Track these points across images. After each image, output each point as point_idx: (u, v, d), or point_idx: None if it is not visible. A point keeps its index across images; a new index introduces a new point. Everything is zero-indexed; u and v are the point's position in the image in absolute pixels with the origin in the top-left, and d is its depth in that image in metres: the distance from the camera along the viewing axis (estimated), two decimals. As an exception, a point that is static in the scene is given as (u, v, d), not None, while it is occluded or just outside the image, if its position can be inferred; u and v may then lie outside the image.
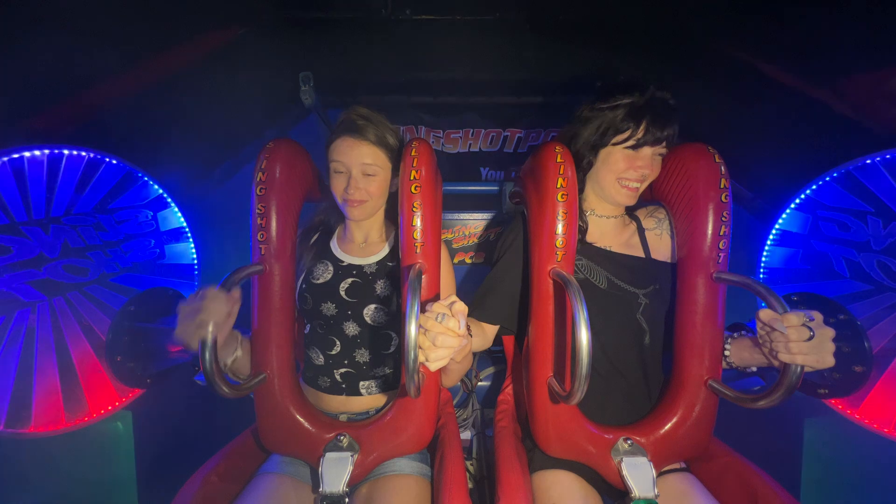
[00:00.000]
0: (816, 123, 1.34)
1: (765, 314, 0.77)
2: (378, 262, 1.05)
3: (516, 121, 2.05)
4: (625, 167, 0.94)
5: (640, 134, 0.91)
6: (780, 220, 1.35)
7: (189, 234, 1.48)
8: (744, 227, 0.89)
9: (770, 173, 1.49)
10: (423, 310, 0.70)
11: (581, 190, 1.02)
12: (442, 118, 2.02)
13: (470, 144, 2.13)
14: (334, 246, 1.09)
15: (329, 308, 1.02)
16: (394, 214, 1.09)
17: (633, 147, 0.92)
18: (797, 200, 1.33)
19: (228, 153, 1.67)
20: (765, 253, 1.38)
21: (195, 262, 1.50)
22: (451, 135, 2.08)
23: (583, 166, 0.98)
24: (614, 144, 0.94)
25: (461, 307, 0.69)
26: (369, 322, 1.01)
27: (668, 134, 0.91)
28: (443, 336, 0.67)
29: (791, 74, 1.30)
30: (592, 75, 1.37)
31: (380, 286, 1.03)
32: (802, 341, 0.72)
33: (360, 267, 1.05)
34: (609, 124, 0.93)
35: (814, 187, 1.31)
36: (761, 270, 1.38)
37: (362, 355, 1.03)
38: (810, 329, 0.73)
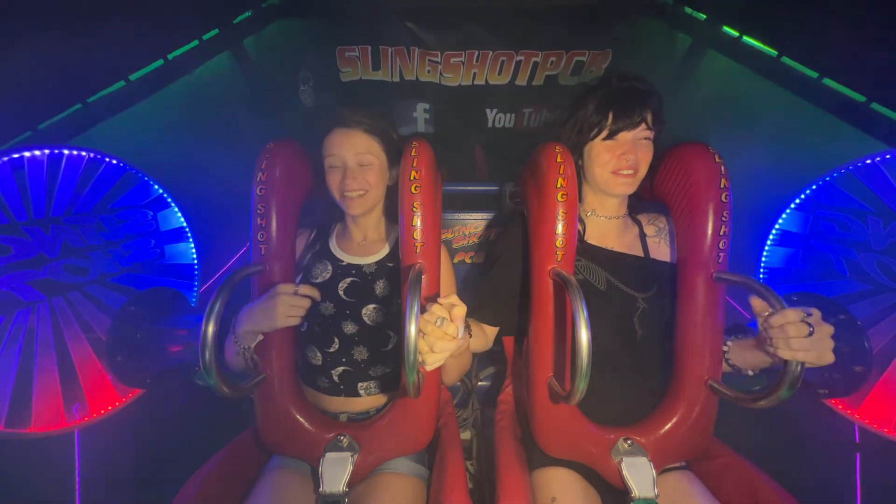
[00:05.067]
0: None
1: (757, 302, 0.78)
2: (378, 263, 1.05)
3: (531, 38, 1.62)
4: (609, 158, 0.95)
5: (610, 122, 0.93)
6: (780, 220, 1.35)
7: (189, 234, 1.49)
8: (744, 227, 0.88)
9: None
10: (423, 309, 0.70)
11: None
12: (439, 35, 1.61)
13: (474, 74, 1.68)
14: (333, 245, 1.09)
15: (327, 308, 1.02)
16: (393, 212, 1.09)
17: (609, 136, 0.94)
18: (797, 200, 1.33)
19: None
20: (765, 253, 1.38)
21: (195, 262, 1.50)
22: (450, 58, 1.64)
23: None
24: (592, 139, 0.96)
25: (460, 311, 0.69)
26: (367, 322, 1.01)
27: (639, 116, 0.92)
28: (441, 342, 0.68)
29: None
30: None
31: (379, 286, 1.02)
32: (802, 337, 0.73)
33: (359, 266, 1.05)
34: (583, 121, 0.96)
35: (814, 187, 1.31)
36: (761, 270, 1.38)
37: (360, 353, 1.02)
38: (810, 325, 0.73)
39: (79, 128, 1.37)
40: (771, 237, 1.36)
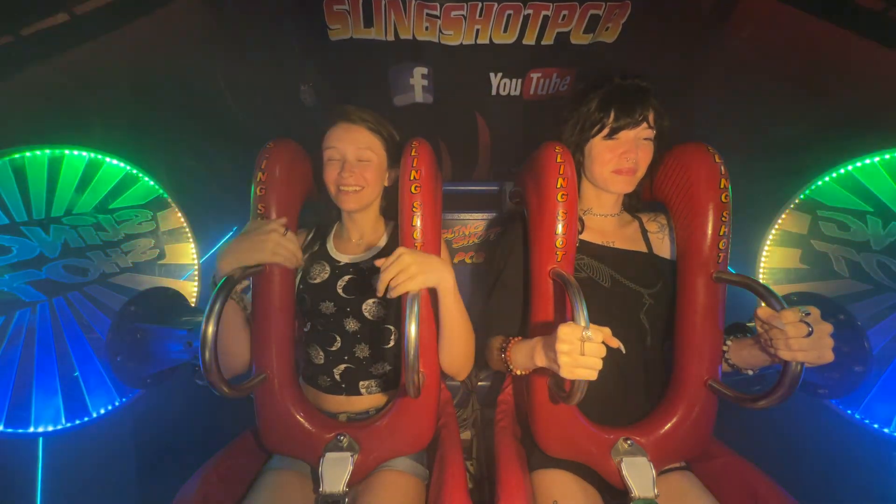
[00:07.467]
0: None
1: (763, 312, 0.78)
2: (374, 257, 1.05)
3: None
4: (610, 157, 0.95)
5: (611, 121, 0.93)
6: (780, 220, 1.35)
7: (189, 234, 1.48)
8: (744, 228, 0.88)
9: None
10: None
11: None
12: None
13: (478, 31, 1.54)
14: (330, 246, 1.10)
15: (328, 307, 1.02)
16: (390, 212, 1.10)
17: (610, 135, 0.94)
18: (797, 200, 1.33)
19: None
20: (765, 253, 1.38)
21: (195, 262, 1.50)
22: (451, 12, 1.49)
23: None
24: (593, 137, 0.96)
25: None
26: (368, 317, 1.02)
27: (641, 115, 0.92)
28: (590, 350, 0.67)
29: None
30: None
31: (378, 280, 1.03)
32: (801, 337, 0.73)
33: (356, 264, 1.05)
34: (585, 119, 0.96)
35: (813, 187, 1.31)
36: (761, 270, 1.38)
37: (362, 350, 1.03)
38: (808, 325, 0.73)
39: (9, 65, 1.17)
40: (771, 237, 1.36)
